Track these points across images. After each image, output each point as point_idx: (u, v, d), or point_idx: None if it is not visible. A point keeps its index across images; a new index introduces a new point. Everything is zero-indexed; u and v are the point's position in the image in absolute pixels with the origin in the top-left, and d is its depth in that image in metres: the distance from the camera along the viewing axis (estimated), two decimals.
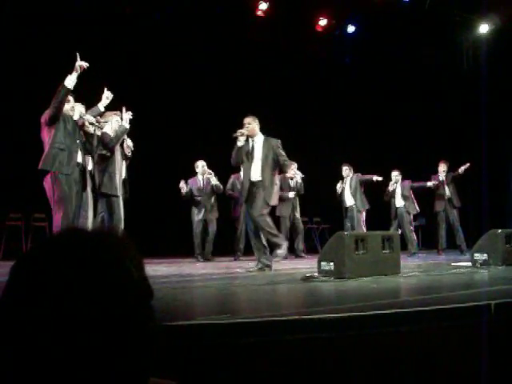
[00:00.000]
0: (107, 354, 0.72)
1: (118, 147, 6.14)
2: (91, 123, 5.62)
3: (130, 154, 6.58)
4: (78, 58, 5.27)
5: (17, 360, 0.71)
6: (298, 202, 10.29)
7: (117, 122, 6.17)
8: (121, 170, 6.23)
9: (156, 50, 10.20)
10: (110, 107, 6.12)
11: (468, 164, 10.02)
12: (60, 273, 0.73)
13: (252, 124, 6.44)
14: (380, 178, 10.05)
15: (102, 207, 6.22)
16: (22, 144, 8.26)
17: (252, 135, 6.43)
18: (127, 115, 6.06)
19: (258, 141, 6.45)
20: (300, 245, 10.34)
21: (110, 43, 9.60)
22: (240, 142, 6.35)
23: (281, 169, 6.56)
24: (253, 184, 6.35)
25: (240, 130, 6.33)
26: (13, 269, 0.77)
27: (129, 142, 6.48)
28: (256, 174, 6.36)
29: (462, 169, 10.03)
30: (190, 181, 9.26)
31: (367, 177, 10.18)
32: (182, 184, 9.08)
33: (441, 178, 10.21)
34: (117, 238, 0.82)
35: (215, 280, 5.23)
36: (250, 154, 6.41)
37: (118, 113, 6.24)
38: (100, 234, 0.82)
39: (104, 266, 0.75)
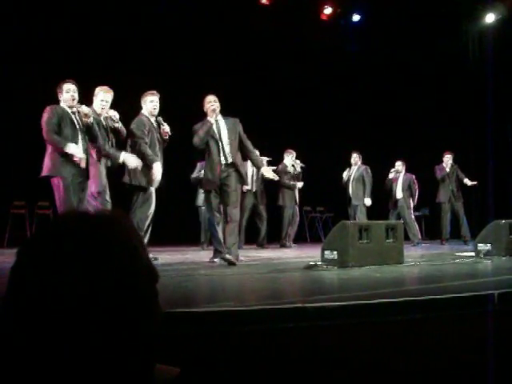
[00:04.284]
0: (114, 336, 0.72)
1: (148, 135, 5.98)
2: (86, 114, 5.50)
3: (166, 138, 6.14)
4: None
5: (22, 343, 0.71)
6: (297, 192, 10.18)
7: (151, 103, 6.04)
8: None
9: (159, 41, 10.14)
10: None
11: (476, 183, 10.22)
12: (68, 253, 0.72)
13: (217, 102, 6.02)
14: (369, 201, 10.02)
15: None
16: (26, 132, 8.27)
17: (217, 114, 6.00)
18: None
19: (221, 120, 6.00)
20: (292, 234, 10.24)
21: (113, 36, 9.55)
22: (212, 119, 5.90)
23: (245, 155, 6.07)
24: (227, 166, 5.89)
25: (214, 107, 5.94)
26: (19, 252, 0.76)
27: (166, 128, 6.10)
28: (229, 156, 5.91)
29: (468, 183, 10.15)
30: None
31: (367, 179, 10.08)
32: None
33: (448, 170, 10.19)
34: (122, 221, 0.82)
35: (219, 268, 5.24)
36: (217, 135, 5.93)
37: (153, 92, 6.12)
38: (105, 217, 0.81)
39: (113, 248, 0.75)
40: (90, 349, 0.71)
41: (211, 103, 5.98)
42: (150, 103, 6.06)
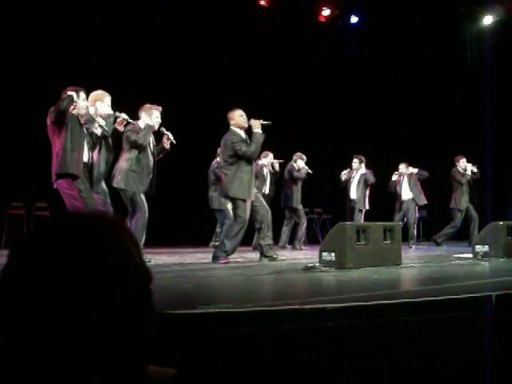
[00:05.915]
0: (106, 337, 0.72)
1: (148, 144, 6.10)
2: (101, 126, 5.56)
3: (168, 148, 6.33)
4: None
5: (15, 342, 0.71)
6: None
7: (157, 119, 6.13)
8: (149, 166, 6.14)
9: (157, 39, 10.13)
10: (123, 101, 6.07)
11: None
12: (60, 254, 0.72)
13: None
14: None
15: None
16: (25, 133, 8.26)
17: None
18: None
19: None
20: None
21: (110, 31, 9.54)
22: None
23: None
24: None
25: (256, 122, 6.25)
26: (12, 253, 0.76)
27: (170, 136, 6.27)
28: None
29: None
30: None
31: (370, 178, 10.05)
32: None
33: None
34: (117, 222, 0.82)
35: (217, 270, 5.24)
36: None
37: (159, 108, 6.18)
38: (100, 218, 0.81)
39: (105, 248, 0.75)
40: (82, 349, 0.71)
41: (243, 116, 6.22)
42: (156, 118, 6.15)
